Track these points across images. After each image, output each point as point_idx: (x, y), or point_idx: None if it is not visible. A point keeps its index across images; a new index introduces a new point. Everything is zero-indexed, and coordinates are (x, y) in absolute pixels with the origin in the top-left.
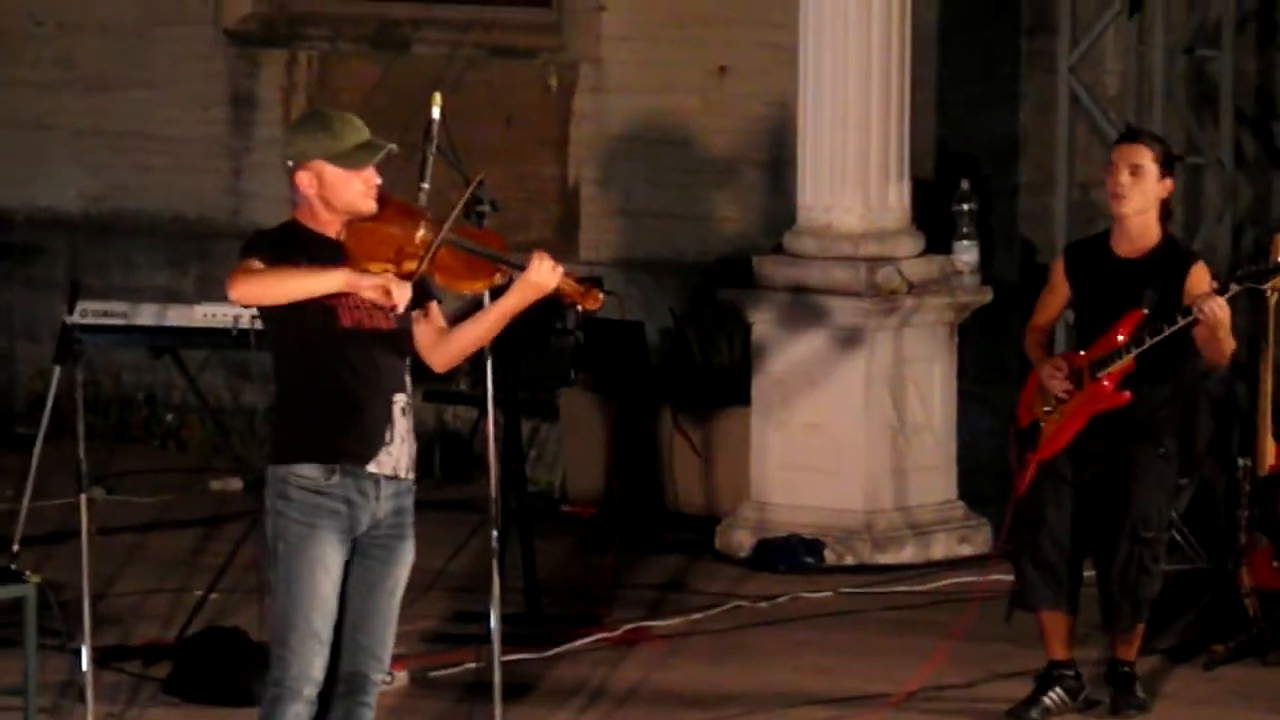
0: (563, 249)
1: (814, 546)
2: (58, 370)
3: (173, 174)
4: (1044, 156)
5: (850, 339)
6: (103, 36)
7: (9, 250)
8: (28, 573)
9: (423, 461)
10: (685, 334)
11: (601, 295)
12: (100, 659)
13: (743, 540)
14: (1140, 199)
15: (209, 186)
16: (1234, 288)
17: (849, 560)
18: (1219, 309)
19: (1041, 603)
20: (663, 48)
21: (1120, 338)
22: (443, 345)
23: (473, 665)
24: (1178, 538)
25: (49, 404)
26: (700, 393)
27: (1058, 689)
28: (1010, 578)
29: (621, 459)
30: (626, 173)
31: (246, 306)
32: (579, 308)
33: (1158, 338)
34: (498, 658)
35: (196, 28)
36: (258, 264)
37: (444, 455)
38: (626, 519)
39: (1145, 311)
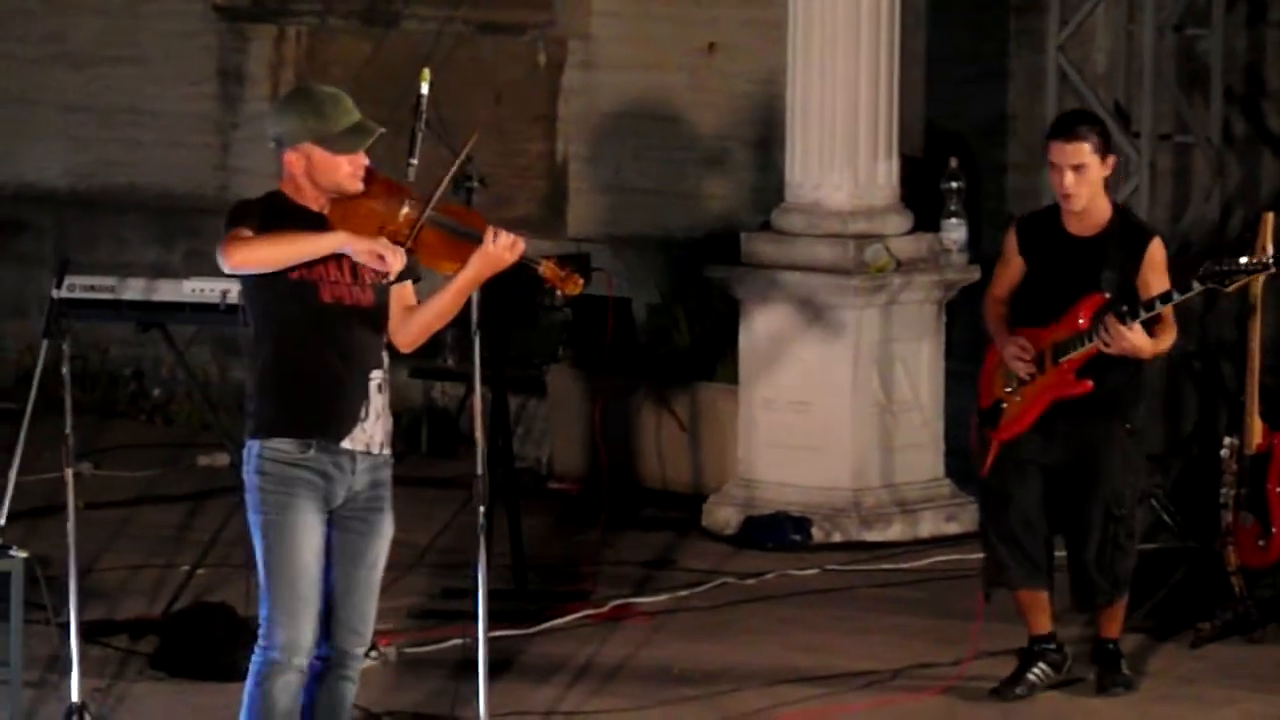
0: (551, 225)
1: (801, 524)
2: (45, 345)
3: (161, 149)
4: (1033, 135)
5: (838, 317)
6: (92, 12)
7: None
8: (14, 547)
9: (409, 437)
10: (673, 311)
11: (582, 280)
12: (87, 634)
13: (729, 517)
14: (1088, 191)
15: (197, 162)
16: (1196, 286)
17: (836, 538)
18: (1121, 341)
19: (1016, 581)
20: (652, 24)
21: (1081, 321)
22: (406, 324)
23: (459, 641)
24: (1164, 517)
25: (36, 378)
26: (688, 370)
27: (1041, 664)
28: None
29: (608, 436)
30: (615, 149)
31: (240, 275)
32: (559, 292)
33: (1140, 319)
34: (484, 634)
35: (186, 3)
36: (247, 233)
37: (431, 431)
38: (613, 496)
39: (1106, 296)
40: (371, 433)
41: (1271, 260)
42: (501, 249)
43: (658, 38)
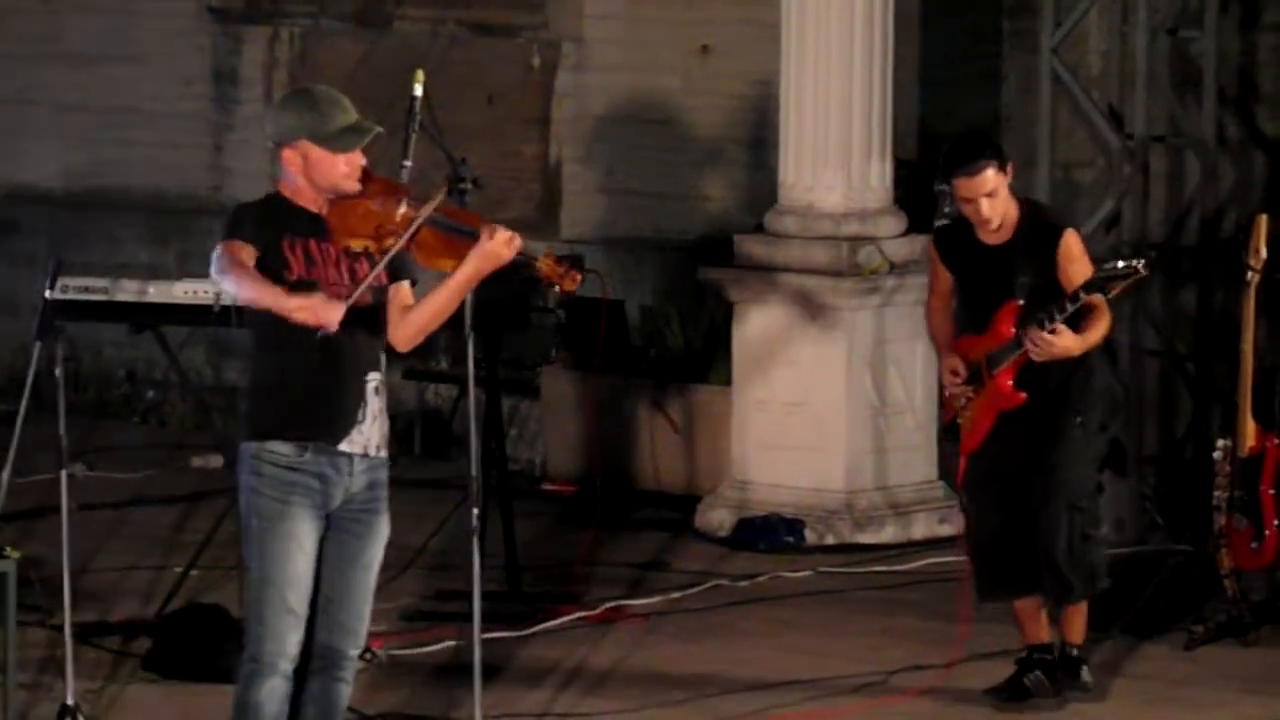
0: (544, 227)
1: (794, 526)
2: (38, 346)
3: (155, 150)
4: (1026, 137)
5: (831, 318)
6: (87, 12)
7: None
8: (8, 548)
9: (403, 439)
10: (666, 312)
11: (580, 276)
12: (80, 635)
13: (723, 519)
14: (1003, 208)
15: (191, 162)
16: (1082, 296)
17: (829, 540)
18: (1050, 348)
19: (1002, 592)
20: (645, 26)
21: (1004, 330)
22: (404, 323)
23: (452, 643)
24: (1157, 519)
25: (29, 380)
26: (681, 371)
27: (1037, 671)
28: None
29: (602, 437)
30: (608, 151)
31: None
32: (557, 288)
33: (1057, 320)
34: (478, 635)
35: (180, 3)
36: (238, 246)
37: (424, 433)
38: (606, 497)
39: (1021, 302)
40: (369, 435)
41: (1140, 264)
42: (499, 244)
43: (651, 40)
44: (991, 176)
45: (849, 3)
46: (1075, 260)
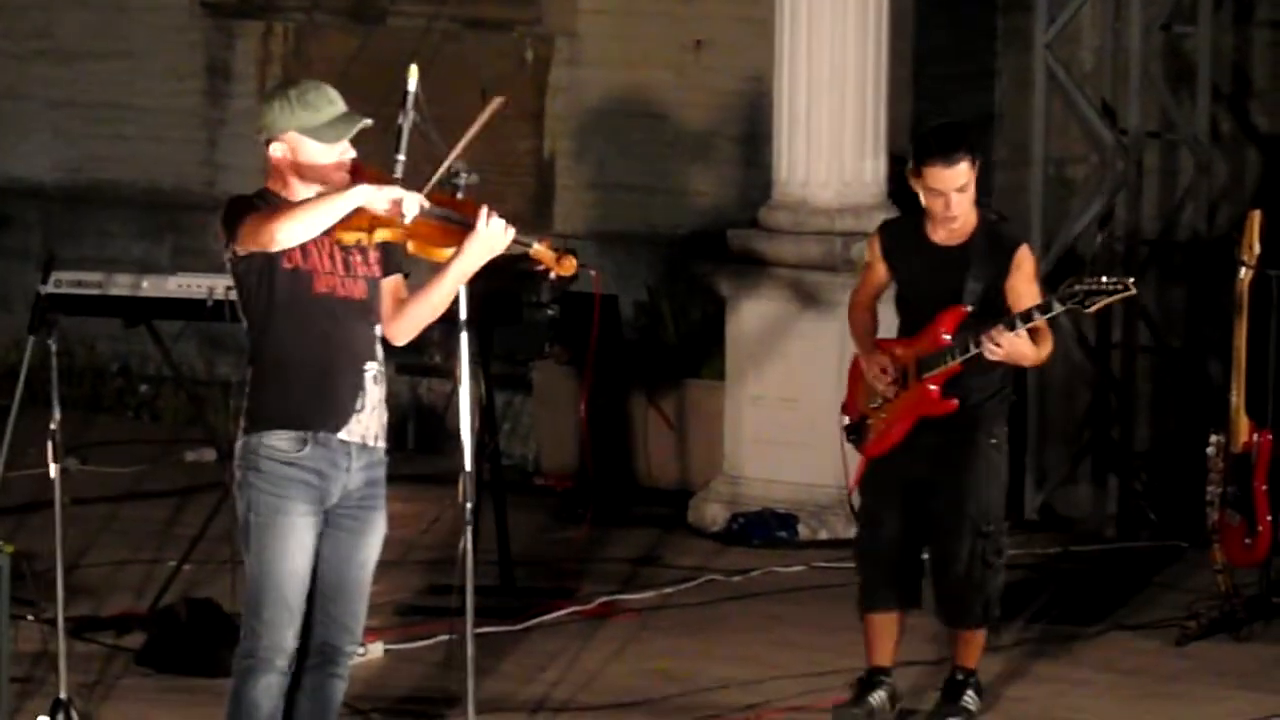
0: (537, 221)
1: (788, 521)
2: (31, 340)
3: (148, 145)
4: (1020, 132)
5: (825, 313)
6: (79, 6)
7: None
8: (1, 543)
9: (396, 434)
10: (659, 307)
11: (575, 261)
12: (73, 629)
13: (716, 514)
14: (968, 206)
15: (184, 157)
16: (1057, 307)
17: (823, 535)
18: (1007, 346)
19: (878, 604)
20: (639, 21)
21: (944, 334)
22: (400, 316)
23: (445, 637)
24: (1150, 515)
25: (23, 374)
26: (674, 366)
27: (880, 692)
28: None
29: (595, 432)
30: (602, 146)
31: (235, 269)
32: (552, 274)
33: (979, 349)
34: (471, 630)
35: None
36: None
37: (417, 428)
38: (600, 492)
39: (969, 309)
40: (367, 424)
41: (1131, 282)
42: (495, 231)
43: (644, 35)
44: (965, 170)
45: None
46: (1026, 276)
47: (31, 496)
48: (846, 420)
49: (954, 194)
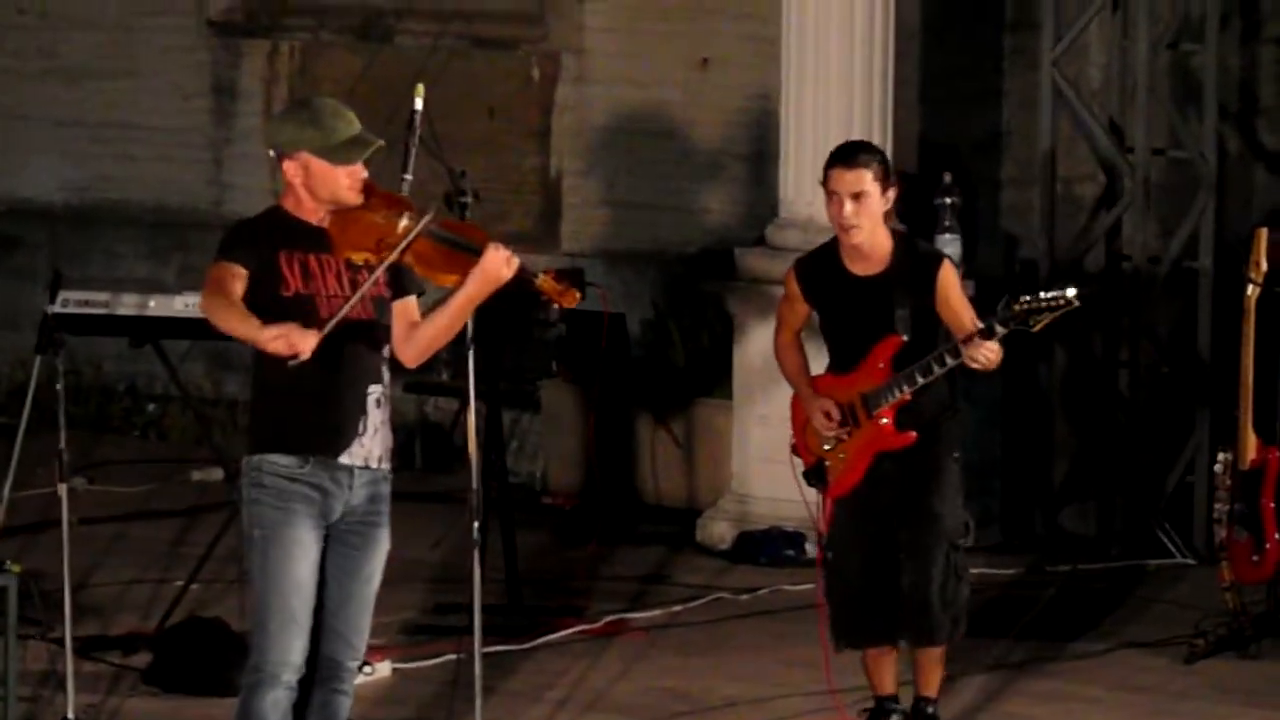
0: (544, 240)
1: (795, 539)
2: (39, 360)
3: (155, 164)
4: (1027, 151)
5: None
6: (86, 26)
7: None
8: (9, 562)
9: (404, 452)
10: (666, 326)
11: (579, 295)
12: (80, 649)
13: (723, 533)
14: (869, 223)
15: (191, 177)
16: (999, 330)
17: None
18: (991, 355)
19: (860, 641)
20: (645, 39)
21: (881, 366)
22: (411, 340)
23: (453, 656)
24: (1160, 534)
25: (30, 394)
26: (681, 385)
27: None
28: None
29: (602, 451)
30: (608, 164)
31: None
32: (556, 306)
33: (930, 377)
34: (479, 649)
35: (180, 18)
36: (226, 270)
37: (425, 446)
38: (607, 511)
39: (904, 338)
40: (369, 447)
41: (1075, 296)
42: (498, 264)
43: (651, 53)
44: (866, 179)
45: (849, 16)
46: (954, 289)
47: (39, 516)
48: (803, 466)
49: (849, 200)
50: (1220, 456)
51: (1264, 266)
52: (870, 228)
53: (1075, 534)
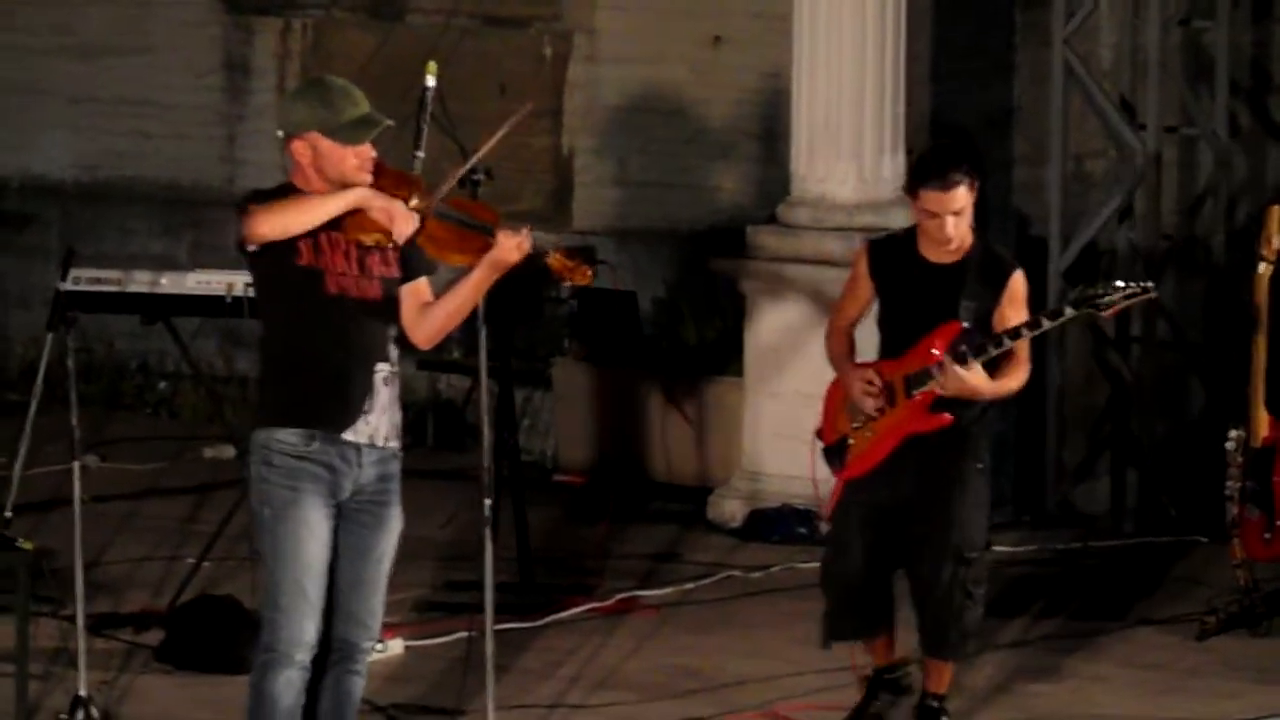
0: (556, 218)
1: (806, 517)
2: (50, 337)
3: (167, 141)
4: (1038, 129)
5: None
6: (99, 2)
7: (2, 217)
8: (21, 540)
9: (416, 430)
10: (678, 304)
11: (591, 271)
12: (93, 626)
13: (735, 510)
14: (965, 228)
15: (204, 154)
16: (1069, 312)
17: None
18: (958, 384)
19: (854, 634)
20: (657, 18)
21: (935, 351)
22: (423, 321)
23: (465, 634)
24: (1169, 510)
25: (41, 371)
26: (693, 362)
27: (885, 692)
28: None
29: (614, 428)
30: (620, 142)
31: (251, 264)
32: (568, 283)
33: (979, 358)
34: (490, 627)
35: None
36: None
37: (437, 424)
38: (619, 488)
39: (965, 325)
40: (376, 425)
41: (1152, 285)
42: (508, 250)
43: (663, 31)
44: (963, 195)
45: None
46: (1016, 303)
47: (51, 493)
48: (822, 444)
49: (949, 217)
50: (1232, 434)
51: (1275, 244)
52: (964, 233)
53: (1086, 511)
